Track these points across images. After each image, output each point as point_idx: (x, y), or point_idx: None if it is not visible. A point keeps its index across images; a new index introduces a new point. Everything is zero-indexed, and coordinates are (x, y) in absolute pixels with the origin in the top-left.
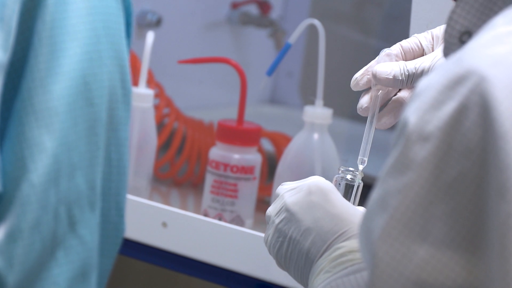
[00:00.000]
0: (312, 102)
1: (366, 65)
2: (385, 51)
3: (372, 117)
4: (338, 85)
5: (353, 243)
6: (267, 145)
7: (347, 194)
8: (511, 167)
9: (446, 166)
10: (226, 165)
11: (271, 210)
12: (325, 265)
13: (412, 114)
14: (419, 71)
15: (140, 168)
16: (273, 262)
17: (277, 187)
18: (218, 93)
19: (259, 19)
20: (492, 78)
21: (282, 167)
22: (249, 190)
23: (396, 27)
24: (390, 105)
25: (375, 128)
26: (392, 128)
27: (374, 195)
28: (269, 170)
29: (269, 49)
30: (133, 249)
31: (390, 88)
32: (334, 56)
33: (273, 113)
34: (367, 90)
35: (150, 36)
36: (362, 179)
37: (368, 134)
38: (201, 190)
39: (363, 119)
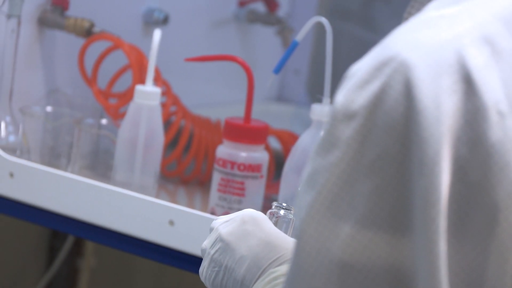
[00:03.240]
0: (319, 100)
1: None
2: None
3: None
4: None
5: (286, 268)
6: (274, 143)
7: (280, 229)
8: (428, 142)
9: (370, 144)
10: (233, 163)
11: (206, 243)
12: None
13: (339, 95)
14: None
15: (147, 166)
16: None
17: (284, 185)
18: (225, 91)
19: (266, 16)
20: (413, 62)
21: (289, 165)
22: (256, 188)
23: None
24: None
25: None
26: None
27: (304, 174)
28: (276, 168)
29: (276, 47)
30: (140, 247)
31: None
32: (342, 54)
33: (280, 111)
34: None
35: (157, 34)
36: None
37: None
38: (208, 188)
39: None
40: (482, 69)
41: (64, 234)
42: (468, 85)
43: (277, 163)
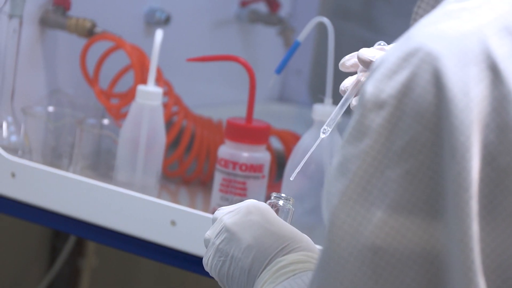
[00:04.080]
0: (321, 100)
1: None
2: (381, 43)
3: (349, 96)
4: None
5: (293, 256)
6: (276, 143)
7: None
8: (459, 129)
9: (400, 131)
10: (235, 163)
11: (210, 234)
12: (268, 278)
13: (368, 85)
14: None
15: (149, 166)
16: None
17: (286, 185)
18: (227, 91)
19: (267, 17)
20: (439, 52)
21: (291, 165)
22: (258, 188)
23: (406, 25)
24: None
25: (351, 108)
26: None
27: (334, 162)
28: (278, 169)
29: (278, 47)
30: (142, 248)
31: None
32: (343, 54)
33: (282, 111)
34: (353, 74)
35: (159, 34)
36: None
37: (340, 109)
38: (210, 188)
39: None
40: (506, 59)
41: (66, 234)
42: (494, 74)
43: (279, 163)
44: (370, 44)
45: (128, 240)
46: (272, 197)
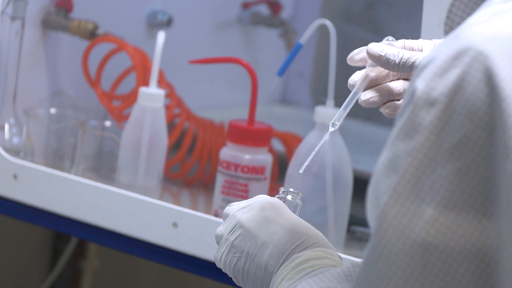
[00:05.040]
0: (323, 102)
1: None
2: (389, 39)
3: (357, 91)
4: None
5: (310, 253)
6: (277, 145)
7: None
8: None
9: (451, 129)
10: (237, 166)
11: (222, 229)
12: (286, 274)
13: (419, 82)
14: (411, 61)
15: (150, 168)
16: None
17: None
18: (229, 93)
19: (269, 19)
20: (490, 51)
21: (292, 167)
22: (260, 190)
23: (408, 28)
24: (379, 87)
25: (361, 105)
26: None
27: (382, 158)
28: (280, 171)
29: (280, 49)
30: (144, 250)
31: (382, 72)
32: (345, 56)
33: (284, 113)
34: (361, 68)
35: (161, 36)
36: (358, 176)
37: (348, 103)
38: (211, 190)
39: (374, 120)
40: None
41: (68, 236)
42: None
43: (281, 165)
44: None
45: (130, 242)
46: (281, 192)
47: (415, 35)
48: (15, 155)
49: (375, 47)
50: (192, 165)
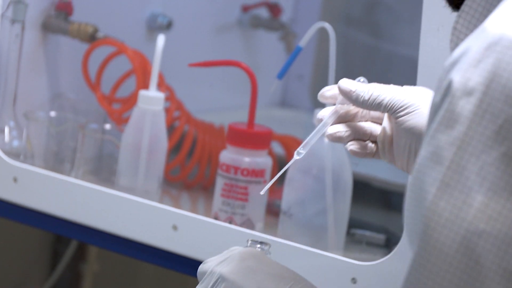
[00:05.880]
0: (322, 105)
1: (376, 68)
2: (361, 79)
3: (325, 124)
4: None
5: None
6: (277, 148)
7: None
8: None
9: (491, 115)
10: (236, 168)
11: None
12: None
13: (455, 75)
14: (379, 99)
15: (150, 171)
16: (284, 264)
17: (288, 190)
18: (228, 96)
19: (269, 22)
20: None
21: (292, 170)
22: (259, 193)
23: (407, 31)
24: (347, 123)
25: (327, 138)
26: None
27: (423, 153)
28: None
29: (280, 52)
30: (144, 252)
31: (351, 111)
32: (345, 59)
33: (284, 116)
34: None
35: (160, 39)
36: (357, 179)
37: (315, 134)
38: (211, 193)
39: None
40: None
41: (68, 238)
42: None
43: (281, 168)
44: (371, 50)
45: (130, 245)
46: (249, 243)
47: (415, 37)
48: (15, 158)
49: (346, 83)
50: (192, 168)
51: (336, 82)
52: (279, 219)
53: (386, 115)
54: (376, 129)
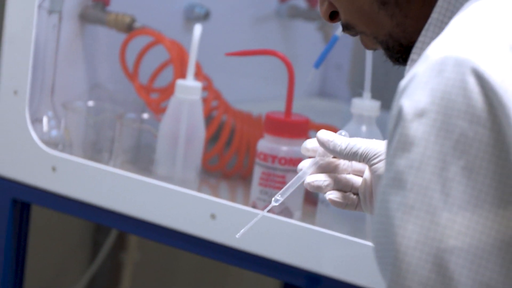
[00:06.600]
0: (360, 95)
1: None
2: (342, 132)
3: (303, 174)
4: (386, 77)
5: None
6: None
7: None
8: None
9: (446, 132)
10: (274, 157)
11: None
12: None
13: (404, 100)
14: (355, 149)
15: (188, 160)
16: (322, 253)
17: None
18: (267, 86)
19: (307, 12)
20: (466, 54)
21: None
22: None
23: None
24: (327, 174)
25: (306, 187)
26: None
27: (384, 182)
28: None
29: (318, 42)
30: (182, 241)
31: (332, 163)
32: None
33: (323, 106)
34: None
35: (197, 29)
36: None
37: (293, 184)
38: (250, 183)
39: None
40: None
41: (108, 228)
42: None
43: None
44: None
45: (169, 234)
46: None
47: None
48: (53, 148)
49: (324, 135)
50: (231, 157)
51: (373, 71)
52: (317, 208)
53: (367, 167)
54: (357, 181)
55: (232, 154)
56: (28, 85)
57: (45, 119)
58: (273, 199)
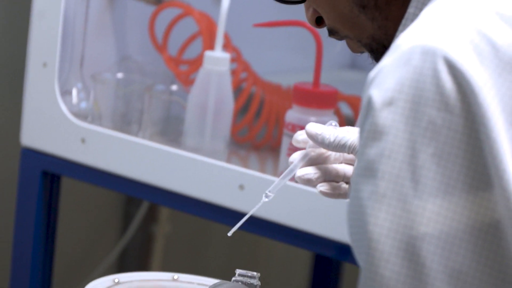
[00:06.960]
0: None
1: None
2: (332, 123)
3: (294, 167)
4: None
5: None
6: (346, 109)
7: None
8: (478, 101)
9: (414, 120)
10: (302, 128)
11: None
12: None
13: (373, 90)
14: (343, 141)
15: (217, 131)
16: None
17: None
18: (296, 57)
19: None
20: (432, 42)
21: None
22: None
23: None
24: (317, 166)
25: (297, 181)
26: None
27: (356, 171)
28: None
29: None
30: (212, 212)
31: (323, 154)
32: None
33: (353, 78)
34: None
35: (226, 1)
36: None
37: (284, 177)
38: (279, 154)
39: None
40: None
41: (139, 200)
42: (492, 47)
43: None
44: None
45: (198, 205)
46: (237, 275)
47: None
48: (83, 120)
49: (313, 127)
50: (260, 128)
51: None
52: None
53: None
54: (349, 170)
55: (261, 125)
56: (57, 57)
57: (74, 91)
58: (263, 195)
